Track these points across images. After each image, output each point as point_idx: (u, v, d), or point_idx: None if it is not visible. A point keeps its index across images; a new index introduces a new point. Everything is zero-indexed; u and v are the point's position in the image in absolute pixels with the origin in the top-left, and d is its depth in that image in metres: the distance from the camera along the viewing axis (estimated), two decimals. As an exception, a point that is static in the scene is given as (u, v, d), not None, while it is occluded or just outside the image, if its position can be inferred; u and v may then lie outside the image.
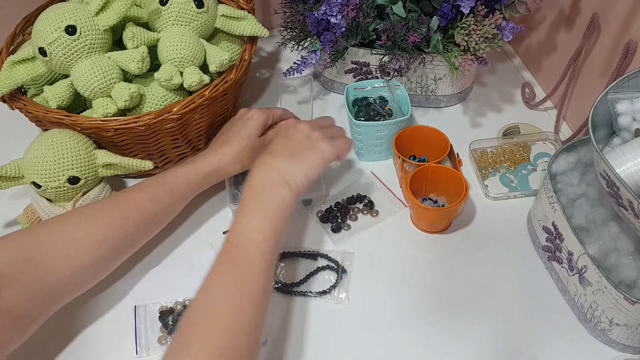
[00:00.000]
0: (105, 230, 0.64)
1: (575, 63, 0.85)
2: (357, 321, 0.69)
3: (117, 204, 0.67)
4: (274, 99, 0.98)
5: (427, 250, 0.76)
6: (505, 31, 0.79)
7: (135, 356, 0.66)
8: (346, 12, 0.81)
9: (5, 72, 0.75)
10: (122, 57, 0.75)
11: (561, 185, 0.70)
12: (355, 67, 0.89)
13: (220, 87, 0.77)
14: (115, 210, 0.66)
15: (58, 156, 0.70)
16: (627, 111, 0.62)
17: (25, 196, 0.82)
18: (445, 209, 0.73)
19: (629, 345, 0.64)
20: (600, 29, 0.80)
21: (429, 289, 0.72)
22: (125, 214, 0.66)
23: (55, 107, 0.74)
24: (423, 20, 0.82)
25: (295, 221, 0.79)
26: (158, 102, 0.78)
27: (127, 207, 0.67)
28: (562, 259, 0.68)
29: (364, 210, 0.80)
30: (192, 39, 0.78)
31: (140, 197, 0.68)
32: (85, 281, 0.64)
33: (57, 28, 0.71)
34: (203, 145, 0.86)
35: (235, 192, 0.80)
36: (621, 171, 0.57)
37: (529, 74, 1.02)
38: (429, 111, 0.95)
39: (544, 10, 0.94)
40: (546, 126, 0.91)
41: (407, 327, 0.68)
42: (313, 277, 0.73)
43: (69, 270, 0.61)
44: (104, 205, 0.67)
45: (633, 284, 0.61)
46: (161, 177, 0.71)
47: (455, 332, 0.67)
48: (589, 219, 0.67)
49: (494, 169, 0.85)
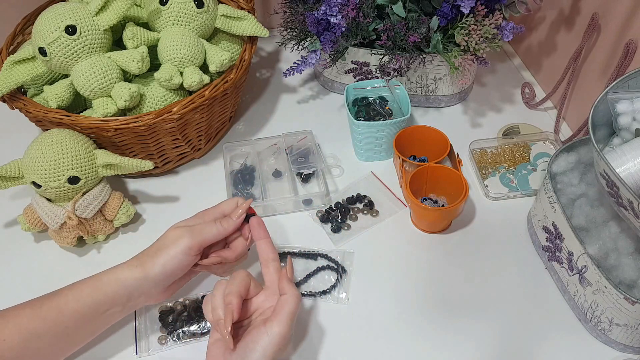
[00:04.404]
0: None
1: (575, 63, 0.85)
2: (357, 321, 0.69)
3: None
4: (274, 99, 0.98)
5: (427, 250, 0.76)
6: (505, 31, 0.79)
7: (135, 356, 0.66)
8: (346, 12, 0.81)
9: (5, 72, 0.75)
10: (122, 57, 0.75)
11: (561, 185, 0.70)
12: (355, 67, 0.89)
13: (220, 87, 0.77)
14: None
15: (58, 156, 0.70)
16: (627, 111, 0.62)
17: (25, 196, 0.82)
18: (445, 209, 0.73)
19: (629, 345, 0.64)
20: (600, 29, 0.80)
21: (429, 289, 0.72)
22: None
23: (55, 107, 0.74)
24: (423, 20, 0.82)
25: (295, 221, 0.79)
26: (158, 102, 0.78)
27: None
28: (562, 259, 0.68)
29: (364, 210, 0.80)
30: (192, 39, 0.78)
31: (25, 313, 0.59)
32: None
33: (57, 28, 0.71)
34: (203, 145, 0.86)
35: (235, 192, 0.81)
36: (621, 171, 0.57)
37: (529, 74, 1.02)
38: (429, 111, 0.95)
39: (544, 10, 0.94)
40: (546, 126, 0.91)
41: (407, 327, 0.68)
42: (313, 277, 0.73)
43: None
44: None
45: (633, 284, 0.61)
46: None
47: (455, 332, 0.67)
48: (589, 219, 0.67)
49: (494, 169, 0.85)
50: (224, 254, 0.64)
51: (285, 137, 0.86)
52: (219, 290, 0.57)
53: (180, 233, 0.60)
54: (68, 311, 0.58)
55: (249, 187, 0.82)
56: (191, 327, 0.67)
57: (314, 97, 0.98)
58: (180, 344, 0.66)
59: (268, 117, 0.95)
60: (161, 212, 0.81)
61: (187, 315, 0.68)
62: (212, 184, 0.84)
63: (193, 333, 0.67)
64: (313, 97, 0.98)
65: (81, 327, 0.60)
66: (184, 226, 0.62)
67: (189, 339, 0.67)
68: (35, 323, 0.57)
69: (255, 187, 0.81)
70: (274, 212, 0.80)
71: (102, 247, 0.77)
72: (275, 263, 0.61)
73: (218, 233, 0.62)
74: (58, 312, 0.58)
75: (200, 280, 0.72)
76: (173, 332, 0.67)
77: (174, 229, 0.62)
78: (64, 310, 0.58)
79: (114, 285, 0.60)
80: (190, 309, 0.69)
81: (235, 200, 0.65)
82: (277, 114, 0.96)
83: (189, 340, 0.67)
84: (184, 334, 0.67)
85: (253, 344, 0.54)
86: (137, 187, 0.84)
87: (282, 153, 0.85)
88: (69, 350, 0.62)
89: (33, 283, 0.72)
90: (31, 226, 0.74)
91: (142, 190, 0.84)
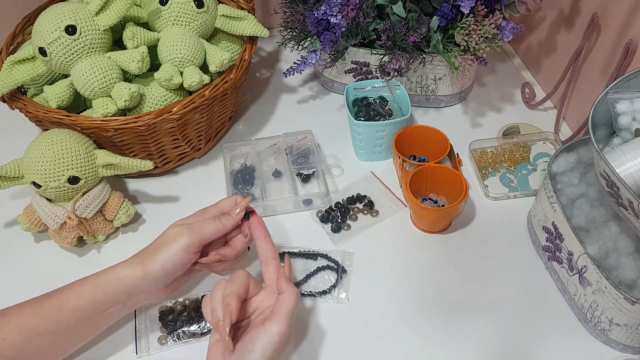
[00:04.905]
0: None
1: (575, 63, 0.85)
2: (357, 321, 0.69)
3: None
4: (274, 99, 0.98)
5: (427, 250, 0.76)
6: (505, 31, 0.79)
7: (135, 356, 0.66)
8: (346, 12, 0.81)
9: (5, 72, 0.75)
10: (122, 57, 0.75)
11: (561, 185, 0.70)
12: (355, 67, 0.89)
13: (220, 87, 0.77)
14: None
15: (58, 156, 0.70)
16: (627, 111, 0.62)
17: (25, 196, 0.82)
18: (445, 209, 0.73)
19: (629, 345, 0.64)
20: (600, 29, 0.80)
21: (429, 289, 0.72)
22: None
23: (55, 107, 0.74)
24: (423, 20, 0.81)
25: (295, 221, 0.79)
26: (158, 102, 0.78)
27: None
28: (562, 259, 0.68)
29: (364, 210, 0.80)
30: (192, 39, 0.78)
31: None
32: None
33: (57, 28, 0.71)
34: (203, 145, 0.86)
35: (235, 192, 0.81)
36: (621, 171, 0.57)
37: (529, 74, 1.02)
38: (429, 111, 0.95)
39: (544, 10, 0.94)
40: (546, 126, 0.91)
41: (407, 327, 0.68)
42: (313, 277, 0.73)
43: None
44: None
45: (633, 284, 0.61)
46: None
47: (455, 332, 0.67)
48: (589, 219, 0.67)
49: (494, 169, 0.85)
50: (223, 251, 0.64)
51: (285, 137, 0.86)
52: (219, 291, 0.57)
53: (179, 231, 0.60)
54: (68, 309, 0.58)
55: (249, 187, 0.82)
56: (191, 327, 0.67)
57: (314, 97, 0.98)
58: (180, 344, 0.66)
59: (268, 117, 0.95)
60: (161, 212, 0.81)
61: (187, 315, 0.68)
62: (212, 184, 0.84)
63: (193, 333, 0.67)
64: (313, 97, 0.98)
65: (81, 326, 0.60)
66: (183, 224, 0.62)
67: (189, 339, 0.67)
68: (35, 322, 0.57)
69: (255, 187, 0.81)
70: (274, 212, 0.80)
71: (102, 247, 0.77)
72: (275, 262, 0.61)
73: (217, 230, 0.62)
74: (58, 310, 0.58)
75: (200, 280, 0.72)
76: (173, 332, 0.67)
77: (173, 227, 0.62)
78: (64, 309, 0.58)
79: (114, 283, 0.60)
80: (190, 308, 0.69)
81: (234, 198, 0.65)
82: (277, 114, 0.96)
83: (189, 340, 0.67)
84: (184, 334, 0.67)
85: (251, 345, 0.54)
86: (137, 187, 0.84)
87: (282, 153, 0.85)
88: (69, 349, 0.62)
89: (33, 283, 0.72)
90: (31, 226, 0.74)
91: (142, 190, 0.84)
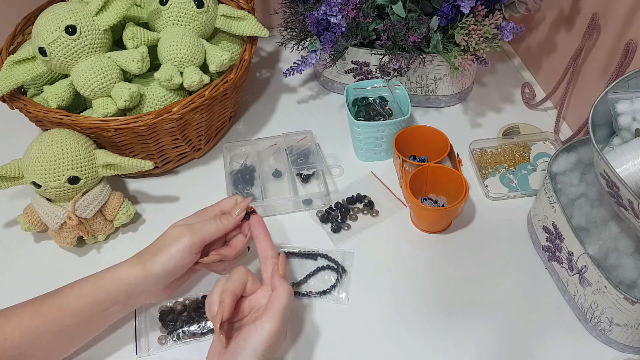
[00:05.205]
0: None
1: (575, 63, 0.85)
2: (357, 321, 0.69)
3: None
4: (274, 99, 0.98)
5: (427, 250, 0.76)
6: (505, 31, 0.79)
7: (135, 356, 0.66)
8: (346, 12, 0.81)
9: (5, 72, 0.75)
10: (122, 57, 0.75)
11: (561, 185, 0.70)
12: (355, 67, 0.89)
13: (220, 87, 0.77)
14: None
15: (58, 156, 0.70)
16: (627, 111, 0.62)
17: (25, 196, 0.82)
18: (445, 209, 0.73)
19: (629, 345, 0.64)
20: (600, 29, 0.80)
21: (429, 289, 0.72)
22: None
23: (55, 107, 0.74)
24: (423, 20, 0.81)
25: (295, 221, 0.79)
26: (158, 102, 0.78)
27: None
28: (562, 259, 0.68)
29: (364, 210, 0.80)
30: (192, 39, 0.78)
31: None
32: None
33: (57, 28, 0.71)
34: (203, 145, 0.86)
35: (235, 192, 0.81)
36: (621, 171, 0.57)
37: (529, 74, 1.02)
38: (429, 111, 0.95)
39: (544, 10, 0.94)
40: (546, 126, 0.91)
41: (407, 327, 0.68)
42: (313, 277, 0.73)
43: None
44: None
45: (633, 284, 0.61)
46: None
47: (455, 332, 0.67)
48: (589, 219, 0.67)
49: (494, 169, 0.85)
50: (223, 251, 0.64)
51: (285, 137, 0.86)
52: (217, 287, 0.57)
53: (180, 231, 0.60)
54: (69, 309, 0.58)
55: (249, 187, 0.82)
56: (191, 327, 0.67)
57: (314, 97, 0.98)
58: (180, 344, 0.66)
59: (268, 117, 0.95)
60: (161, 212, 0.81)
61: (187, 315, 0.68)
62: (212, 184, 0.84)
63: (193, 333, 0.67)
64: (313, 97, 0.98)
65: (82, 325, 0.60)
66: (184, 224, 0.62)
67: (189, 339, 0.67)
68: (36, 321, 0.57)
69: (255, 187, 0.81)
70: (274, 212, 0.80)
71: (102, 247, 0.77)
72: (274, 260, 0.61)
73: (218, 230, 0.62)
74: (59, 310, 0.58)
75: (200, 280, 0.72)
76: (173, 332, 0.67)
77: (174, 228, 0.62)
78: (65, 309, 0.58)
79: (115, 283, 0.60)
80: (190, 308, 0.69)
81: (235, 198, 0.65)
82: (277, 114, 0.96)
83: (189, 340, 0.67)
84: (184, 334, 0.67)
85: (244, 342, 0.54)
86: (137, 187, 0.84)
87: (282, 153, 0.85)
88: (69, 349, 0.62)
89: (33, 283, 0.72)
90: (31, 226, 0.74)
91: (142, 190, 0.84)
